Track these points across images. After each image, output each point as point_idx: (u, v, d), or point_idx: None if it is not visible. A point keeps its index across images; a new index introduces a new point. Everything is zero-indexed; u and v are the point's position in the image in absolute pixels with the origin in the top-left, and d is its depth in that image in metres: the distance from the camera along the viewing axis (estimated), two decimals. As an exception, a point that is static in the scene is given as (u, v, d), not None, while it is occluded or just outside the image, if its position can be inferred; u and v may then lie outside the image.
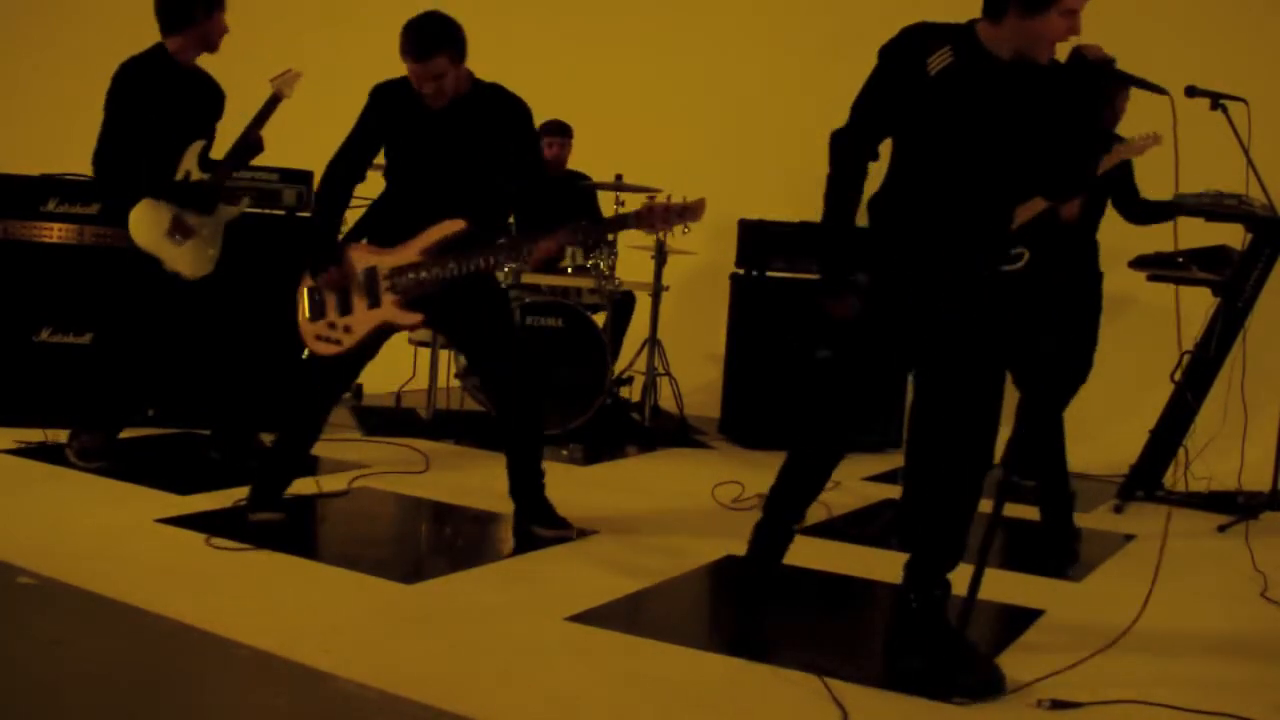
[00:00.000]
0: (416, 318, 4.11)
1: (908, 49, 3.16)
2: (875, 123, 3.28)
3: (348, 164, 4.12)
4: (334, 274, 4.07)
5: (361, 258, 4.10)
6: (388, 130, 4.08)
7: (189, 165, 4.70)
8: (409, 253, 4.05)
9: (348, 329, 4.10)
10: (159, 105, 4.64)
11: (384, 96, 4.09)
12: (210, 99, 4.86)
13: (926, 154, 3.21)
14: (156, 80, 4.66)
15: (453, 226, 4.03)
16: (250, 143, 4.78)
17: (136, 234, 4.62)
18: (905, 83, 3.16)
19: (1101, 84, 3.11)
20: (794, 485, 3.59)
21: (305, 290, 4.15)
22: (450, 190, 4.08)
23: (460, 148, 4.06)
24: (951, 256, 3.22)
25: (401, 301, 4.06)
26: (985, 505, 3.24)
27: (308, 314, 4.14)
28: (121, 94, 4.63)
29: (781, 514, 3.61)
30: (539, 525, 4.22)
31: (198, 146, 4.73)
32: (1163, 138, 4.60)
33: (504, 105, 4.11)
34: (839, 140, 3.33)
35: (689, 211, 4.01)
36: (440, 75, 3.92)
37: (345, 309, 4.10)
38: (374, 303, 4.08)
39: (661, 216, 4.04)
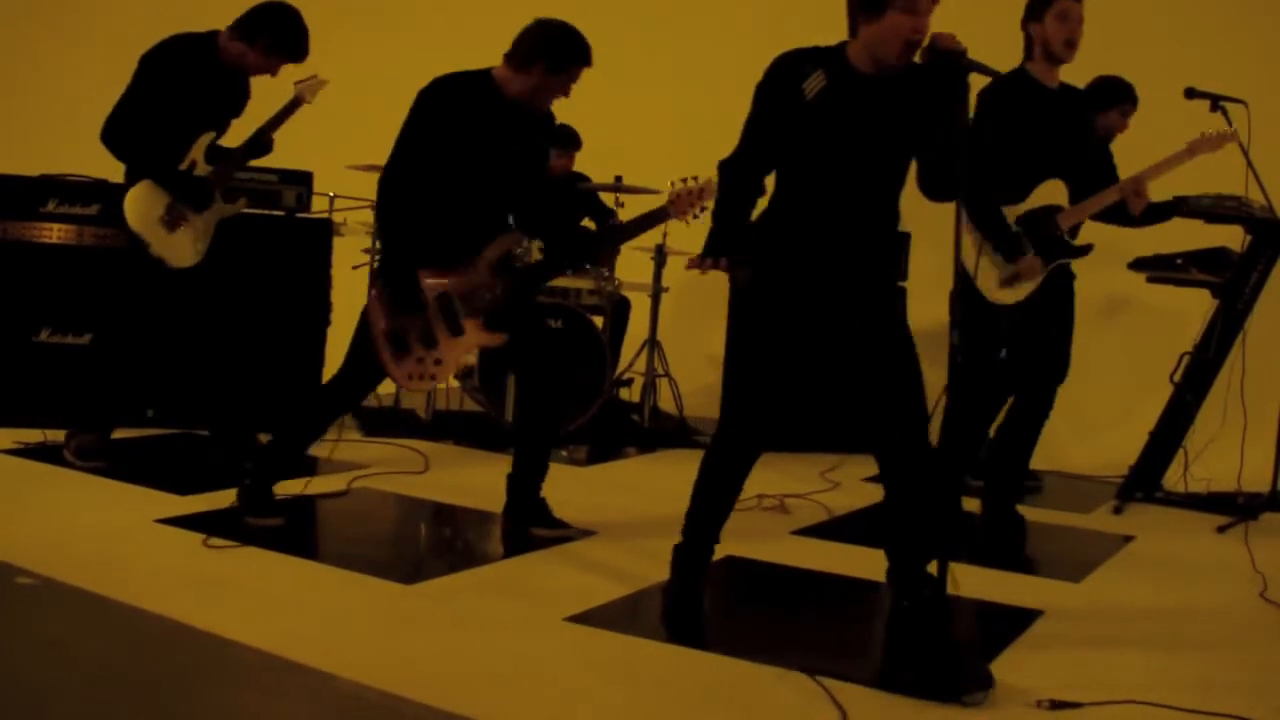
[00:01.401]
0: (501, 337, 4.03)
1: (782, 77, 3.24)
2: (760, 153, 3.35)
3: (414, 175, 3.87)
4: (421, 315, 3.93)
5: (429, 284, 3.95)
6: (451, 131, 3.87)
7: (196, 155, 4.69)
8: (480, 273, 3.96)
9: (438, 362, 3.98)
10: (188, 90, 4.63)
11: (453, 94, 3.88)
12: (237, 96, 4.86)
13: (810, 176, 3.28)
14: (197, 65, 4.65)
15: (515, 240, 4.01)
16: (262, 142, 4.76)
17: (130, 214, 4.62)
18: (784, 111, 3.23)
19: (958, 71, 3.14)
20: (714, 496, 3.52)
21: (383, 330, 3.95)
22: (499, 198, 4.03)
23: (516, 155, 4.01)
24: (839, 268, 3.31)
25: (484, 323, 3.99)
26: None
27: (392, 355, 3.96)
28: (158, 66, 4.61)
29: (703, 531, 3.54)
30: (538, 526, 4.22)
31: (208, 138, 4.72)
32: (1236, 134, 4.68)
33: (544, 117, 4.10)
34: (726, 169, 3.40)
35: (706, 191, 3.96)
36: None
37: (429, 341, 3.97)
38: (457, 330, 3.98)
39: (688, 200, 3.96)
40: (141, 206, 4.62)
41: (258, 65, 4.71)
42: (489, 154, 3.95)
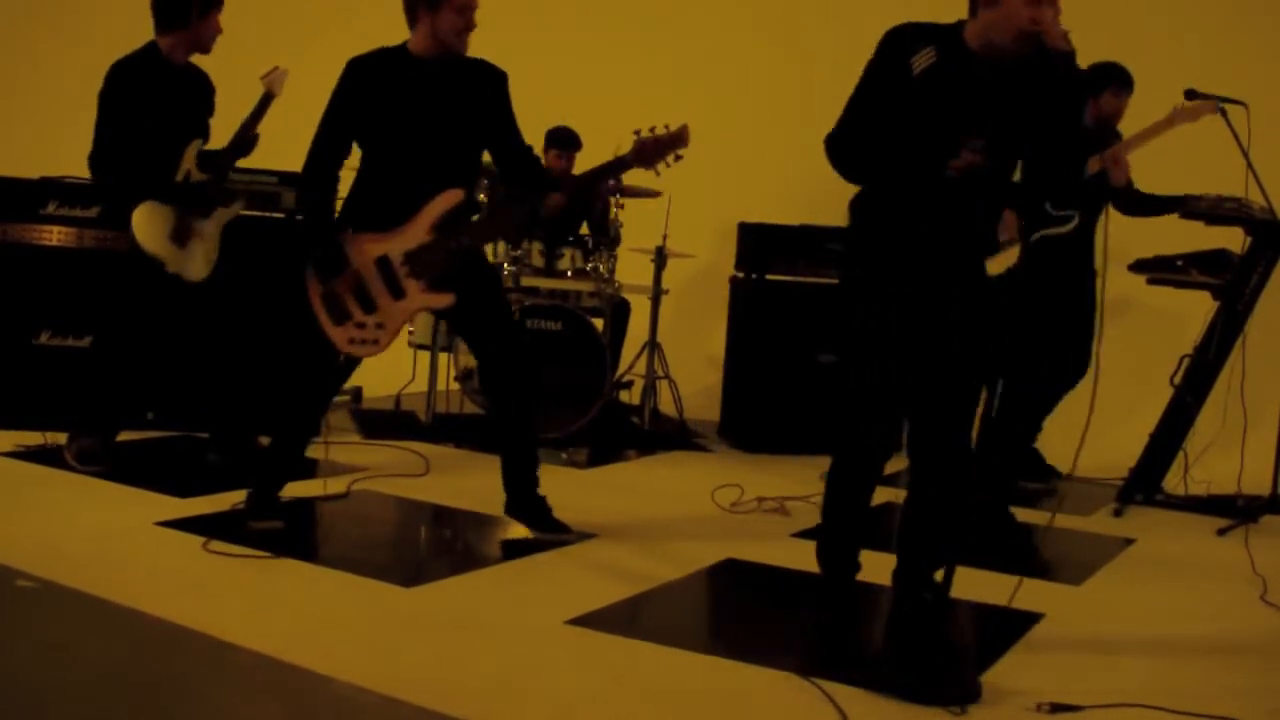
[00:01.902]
0: (448, 298, 3.98)
1: (892, 50, 3.16)
2: (862, 127, 3.24)
3: (332, 150, 3.97)
4: (348, 275, 3.95)
5: (367, 248, 3.95)
6: (371, 104, 3.94)
7: (188, 165, 4.69)
8: (418, 232, 3.93)
9: (380, 325, 3.97)
10: (153, 105, 4.62)
11: (364, 69, 3.95)
12: (202, 95, 4.85)
13: (914, 153, 3.18)
14: (149, 80, 4.64)
15: (454, 198, 3.95)
16: (246, 140, 4.75)
17: (140, 236, 4.61)
18: (890, 84, 3.15)
19: (1062, 73, 3.10)
20: (842, 499, 3.50)
21: (318, 296, 3.98)
22: (440, 160, 3.98)
23: (448, 115, 3.97)
24: (942, 255, 3.22)
25: (428, 285, 3.96)
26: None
27: (330, 320, 3.97)
28: (115, 94, 4.62)
29: (837, 531, 3.51)
30: (537, 527, 4.22)
31: (196, 145, 4.72)
32: (1217, 105, 4.81)
33: (484, 72, 4.07)
34: (833, 143, 3.29)
35: (677, 139, 3.93)
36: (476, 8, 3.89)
37: (368, 306, 3.96)
38: (399, 293, 3.96)
39: (654, 150, 3.94)
40: (150, 227, 4.62)
41: (189, 41, 4.67)
42: (411, 119, 3.94)
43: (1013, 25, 3.05)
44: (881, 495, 5.27)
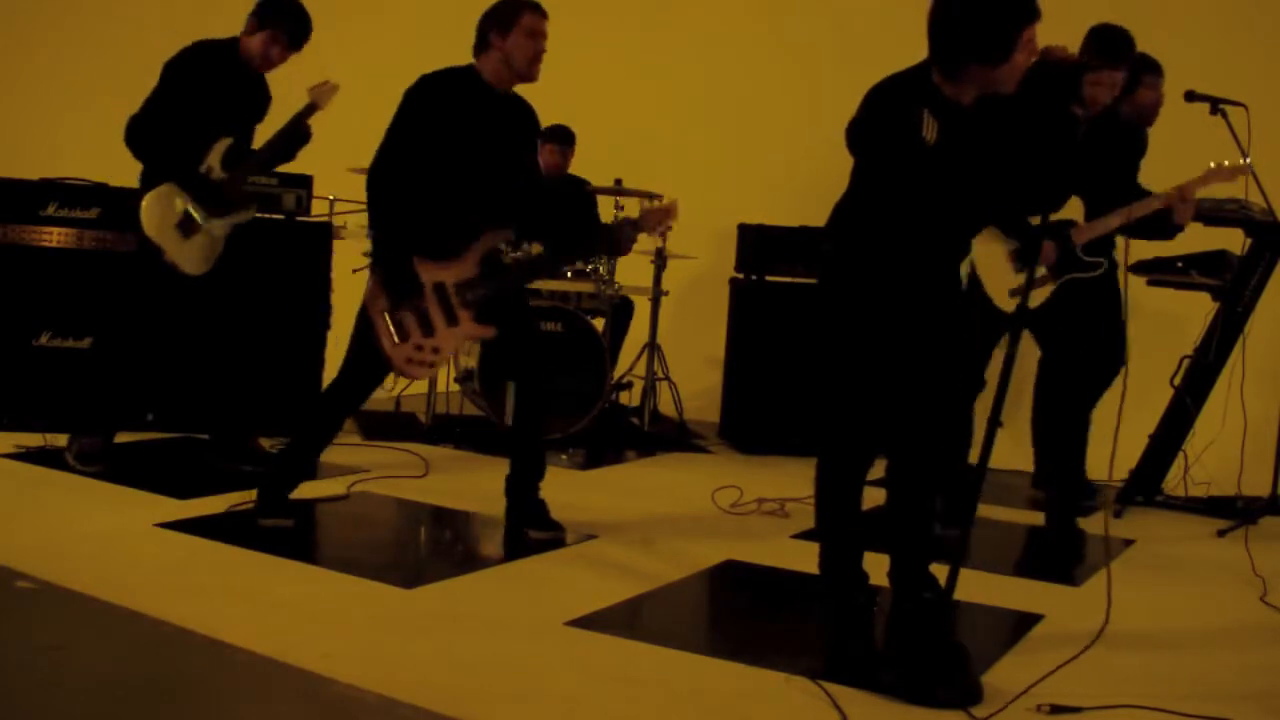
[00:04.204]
0: (492, 330, 4.12)
1: (903, 121, 3.11)
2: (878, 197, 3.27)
3: (405, 166, 3.92)
4: (418, 301, 3.99)
5: (428, 274, 4.01)
6: (441, 124, 3.94)
7: (212, 161, 4.68)
8: (468, 266, 4.03)
9: (436, 349, 4.04)
10: (210, 95, 4.63)
11: (441, 87, 3.95)
12: (258, 100, 4.86)
13: (921, 203, 3.19)
14: (218, 71, 4.66)
15: (503, 236, 4.10)
16: (293, 141, 4.74)
17: (146, 220, 4.61)
18: (908, 153, 3.12)
19: (1069, 87, 3.12)
20: (836, 499, 3.48)
21: (385, 315, 4.00)
22: (494, 191, 4.07)
23: (506, 146, 4.06)
24: (936, 274, 3.28)
25: (474, 315, 4.05)
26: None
27: (393, 338, 4.00)
28: (180, 72, 4.63)
29: (834, 533, 3.49)
30: (535, 527, 4.23)
31: (224, 144, 4.69)
32: (1250, 167, 4.67)
33: (524, 107, 4.17)
34: (869, 216, 3.31)
35: (669, 213, 4.21)
36: None
37: (427, 329, 4.02)
38: (453, 320, 4.03)
39: (657, 219, 4.22)
40: (156, 214, 4.61)
41: (271, 52, 4.69)
42: (481, 145, 4.01)
43: (1018, 75, 3.09)
44: (872, 499, 5.29)
